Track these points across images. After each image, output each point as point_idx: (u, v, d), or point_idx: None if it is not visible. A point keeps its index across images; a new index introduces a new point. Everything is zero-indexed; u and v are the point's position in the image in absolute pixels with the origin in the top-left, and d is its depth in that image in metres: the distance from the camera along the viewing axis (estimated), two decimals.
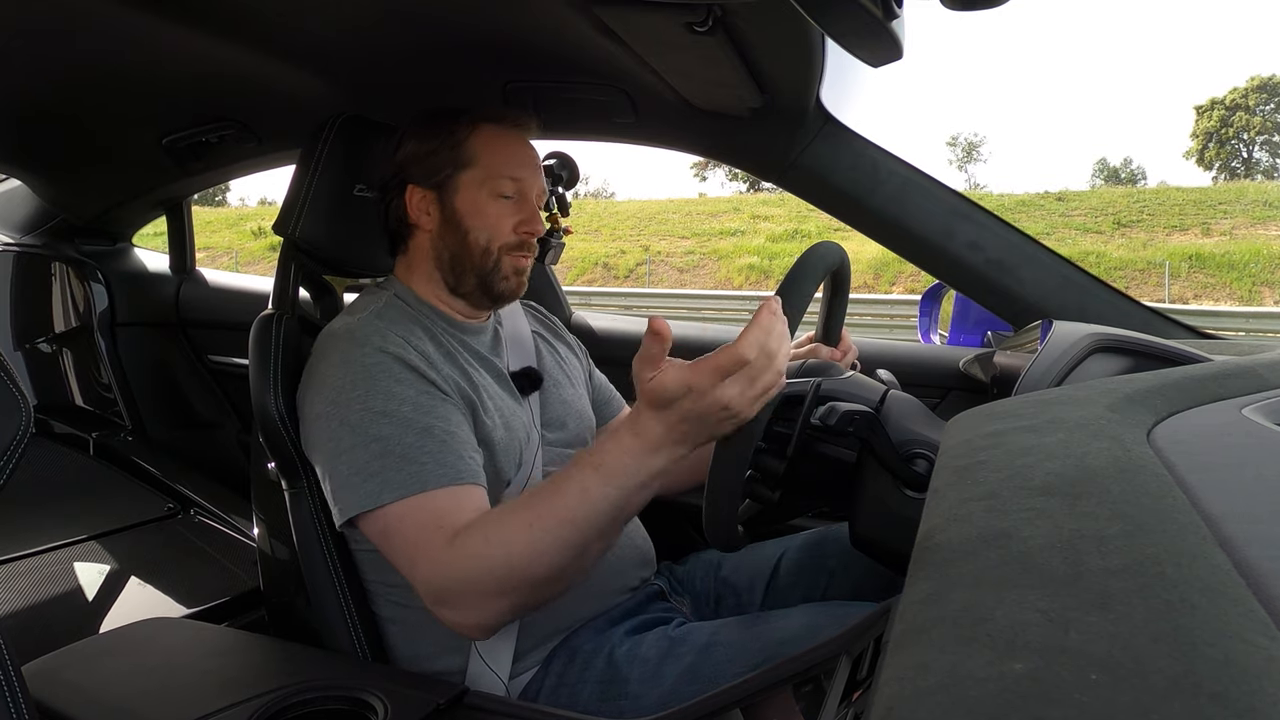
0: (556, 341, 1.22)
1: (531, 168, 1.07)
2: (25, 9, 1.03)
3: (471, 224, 1.04)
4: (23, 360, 1.98)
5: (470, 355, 1.03)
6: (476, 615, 0.82)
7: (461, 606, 0.82)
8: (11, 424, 0.58)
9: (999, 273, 1.15)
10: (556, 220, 1.34)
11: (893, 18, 0.65)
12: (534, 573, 0.78)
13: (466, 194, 1.04)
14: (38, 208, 1.92)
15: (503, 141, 1.05)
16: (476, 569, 0.80)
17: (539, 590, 0.80)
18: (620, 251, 19.04)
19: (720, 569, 1.14)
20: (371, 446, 0.88)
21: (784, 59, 0.99)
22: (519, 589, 0.79)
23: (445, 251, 1.05)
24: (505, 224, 1.04)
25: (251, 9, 1.03)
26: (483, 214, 1.04)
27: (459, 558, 0.81)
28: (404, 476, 0.86)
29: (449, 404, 0.93)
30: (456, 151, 1.04)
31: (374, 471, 0.87)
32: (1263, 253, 15.41)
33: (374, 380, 0.91)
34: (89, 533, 1.51)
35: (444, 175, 1.04)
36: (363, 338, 0.94)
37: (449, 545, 0.82)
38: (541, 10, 0.96)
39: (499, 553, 0.79)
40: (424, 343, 0.97)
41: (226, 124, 1.46)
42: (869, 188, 1.17)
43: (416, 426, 0.89)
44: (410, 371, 0.92)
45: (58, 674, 0.85)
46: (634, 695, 0.88)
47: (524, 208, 1.05)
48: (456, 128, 1.05)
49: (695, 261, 18.18)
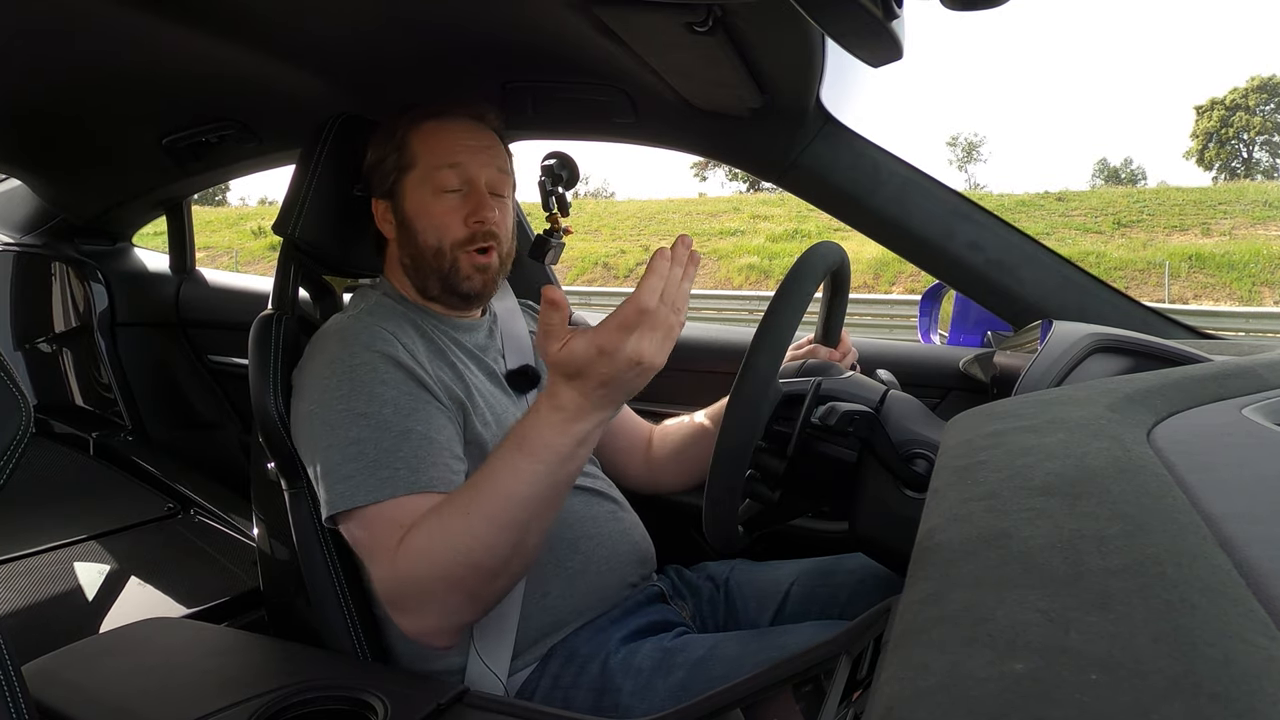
0: None
1: (473, 152, 1.02)
2: (25, 9, 1.02)
3: (420, 225, 1.02)
4: (23, 360, 1.98)
5: (462, 352, 1.03)
6: (430, 617, 0.82)
7: (414, 609, 0.82)
8: (11, 424, 0.58)
9: (999, 273, 1.15)
10: (556, 220, 1.34)
11: (893, 18, 0.65)
12: (476, 559, 0.78)
13: (413, 196, 1.03)
14: (38, 207, 1.92)
15: (442, 134, 1.03)
16: (420, 565, 0.80)
17: (486, 581, 0.81)
18: (620, 251, 19.05)
19: (729, 581, 1.13)
20: (347, 449, 0.87)
21: (784, 59, 0.99)
22: (465, 580, 0.80)
23: (406, 258, 1.04)
24: (453, 219, 1.01)
25: (251, 9, 1.03)
26: (428, 213, 1.01)
27: (403, 557, 0.81)
28: (375, 482, 0.86)
29: (433, 406, 0.93)
30: (400, 154, 1.03)
31: (346, 475, 0.87)
32: (1262, 253, 15.42)
33: (358, 380, 0.91)
34: (89, 533, 1.51)
35: (391, 181, 1.04)
36: (352, 337, 0.94)
37: (395, 553, 0.82)
38: (541, 10, 0.96)
39: (439, 545, 0.79)
40: (414, 340, 0.97)
41: (226, 124, 1.46)
42: (869, 188, 1.17)
43: (395, 430, 0.88)
44: (398, 370, 0.92)
45: (58, 674, 0.85)
46: (625, 707, 0.88)
47: (470, 198, 1.02)
48: (396, 130, 1.04)
49: None
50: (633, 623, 0.99)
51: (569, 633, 0.97)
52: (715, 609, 1.11)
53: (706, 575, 1.15)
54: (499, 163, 1.05)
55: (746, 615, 1.09)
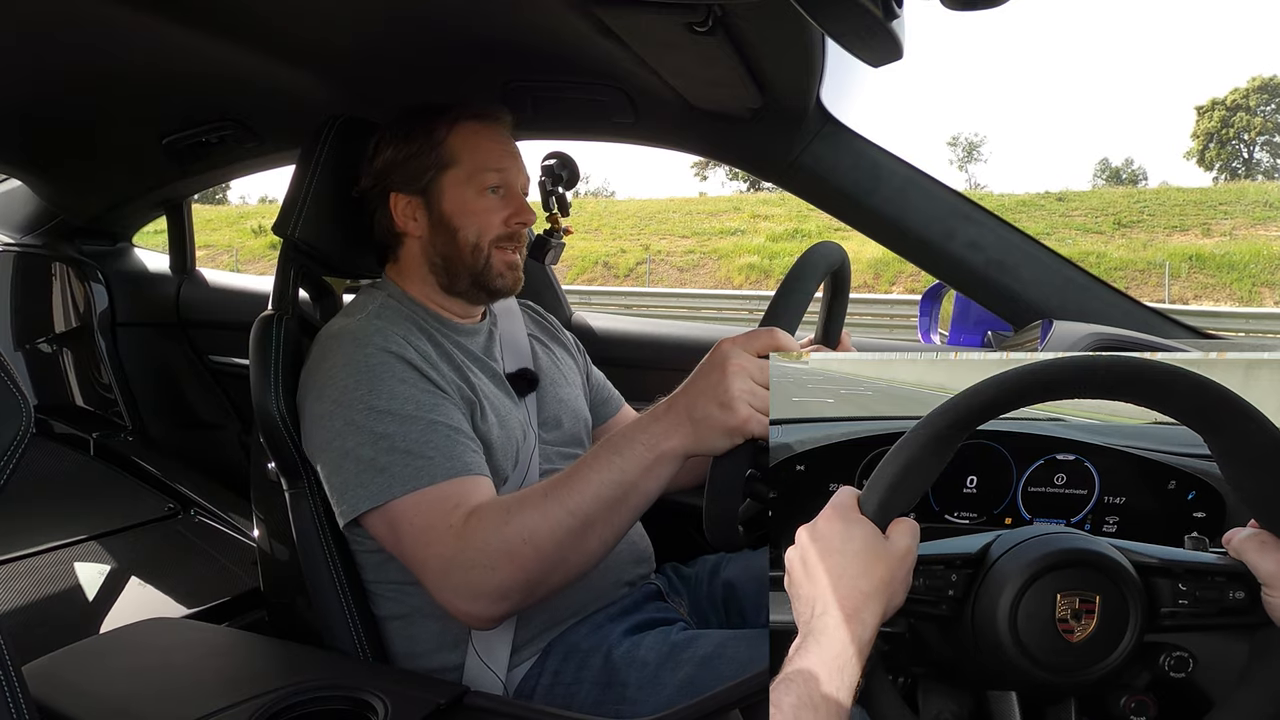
0: (552, 342, 1.22)
1: (514, 159, 1.07)
2: (26, 9, 1.02)
3: (460, 223, 1.04)
4: (23, 360, 1.98)
5: (466, 356, 1.03)
6: (485, 599, 0.83)
7: (471, 589, 0.83)
8: (12, 425, 0.58)
9: (999, 273, 1.15)
10: (556, 220, 1.34)
11: (893, 18, 0.65)
12: (540, 540, 0.80)
13: (453, 193, 1.04)
14: (38, 208, 1.92)
15: (483, 137, 1.06)
16: (492, 537, 0.82)
17: (545, 571, 0.82)
18: (621, 250, 19.04)
19: (724, 573, 1.13)
20: (379, 444, 0.88)
21: (784, 59, 0.99)
22: (527, 562, 0.81)
23: (437, 255, 1.05)
24: (494, 218, 1.04)
25: (252, 9, 1.03)
26: (471, 211, 1.04)
27: (474, 530, 0.83)
28: (411, 471, 0.87)
29: (450, 402, 0.94)
30: (437, 152, 1.04)
31: (381, 467, 0.87)
32: (1262, 253, 15.40)
33: (378, 379, 0.91)
34: (89, 533, 1.51)
35: (428, 178, 1.04)
36: (364, 338, 0.95)
37: (463, 526, 0.83)
38: (541, 10, 0.96)
39: (515, 520, 0.82)
40: (423, 342, 0.98)
41: (226, 124, 1.46)
42: (869, 187, 1.17)
43: (421, 421, 0.90)
44: (412, 370, 0.93)
45: (58, 674, 0.85)
46: (631, 700, 0.88)
47: (511, 200, 1.06)
48: (435, 129, 1.05)
49: (695, 261, 18.17)
50: (632, 619, 0.99)
51: (566, 628, 0.97)
52: (714, 602, 1.12)
53: (703, 568, 1.16)
54: (525, 171, 1.10)
55: (744, 608, 1.09)
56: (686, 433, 0.78)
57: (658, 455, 0.80)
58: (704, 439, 0.77)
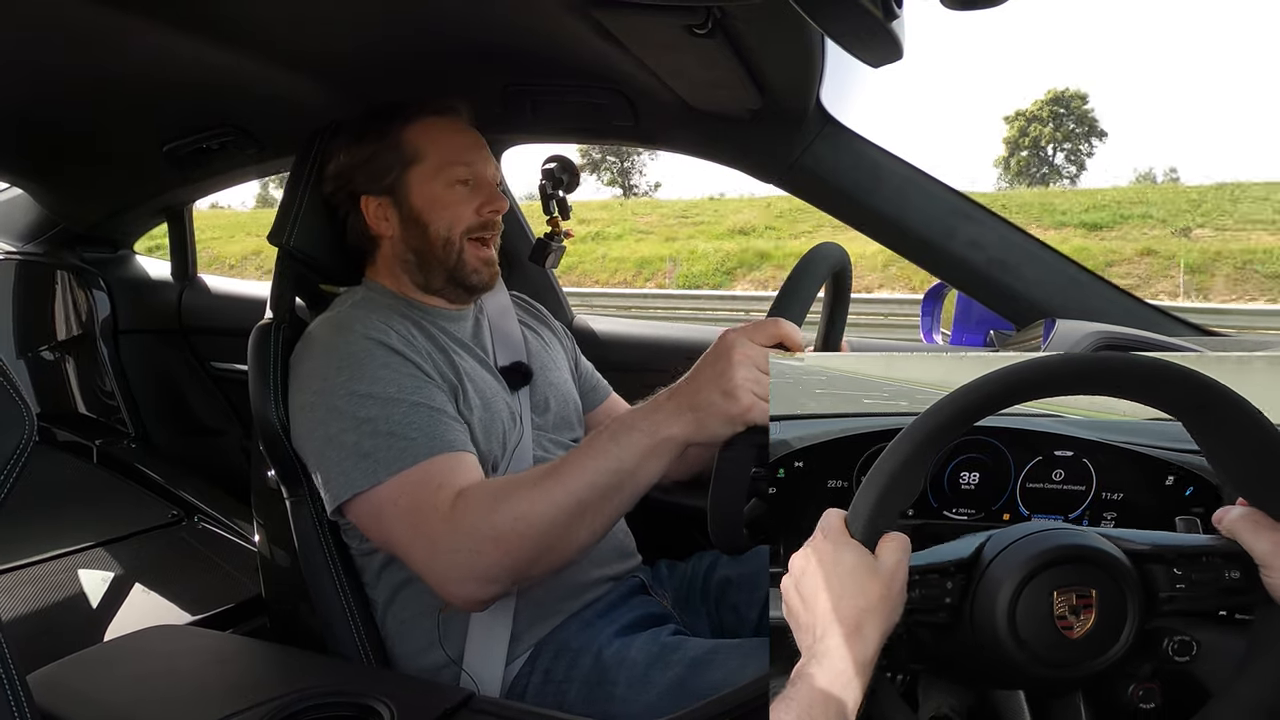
0: (540, 327, 1.23)
1: (479, 151, 1.07)
2: (25, 17, 1.03)
3: (431, 217, 1.04)
4: (25, 368, 1.97)
5: (450, 340, 1.04)
6: (473, 582, 0.83)
7: (458, 571, 0.83)
8: (15, 433, 0.58)
9: (1001, 272, 1.15)
10: (557, 224, 1.34)
11: (893, 18, 0.65)
12: (526, 525, 0.81)
13: (421, 189, 1.04)
14: (39, 216, 1.92)
15: (444, 130, 1.06)
16: (481, 518, 0.82)
17: (533, 556, 0.82)
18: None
19: (716, 570, 1.13)
20: (362, 428, 0.88)
21: (784, 60, 0.99)
22: (515, 551, 0.81)
23: (410, 253, 1.05)
24: (465, 210, 1.04)
25: (251, 15, 1.03)
26: (441, 204, 1.03)
27: (460, 519, 0.83)
28: (394, 453, 0.87)
29: (433, 385, 0.94)
30: (399, 150, 1.04)
31: (366, 452, 0.87)
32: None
33: (359, 365, 0.92)
34: (93, 540, 1.50)
35: (393, 177, 1.04)
36: (345, 326, 0.95)
37: (450, 509, 0.83)
38: (540, 13, 0.96)
39: (502, 512, 0.82)
40: (405, 325, 0.98)
41: (227, 130, 1.46)
42: (869, 188, 1.17)
43: (404, 404, 0.90)
44: (395, 356, 0.93)
45: (63, 683, 0.85)
46: (621, 699, 0.88)
47: (481, 190, 1.05)
48: (392, 127, 1.05)
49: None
50: (622, 617, 0.99)
51: (555, 626, 0.97)
52: (706, 597, 1.11)
53: (699, 564, 1.15)
54: (491, 157, 1.10)
55: (738, 603, 1.08)
56: (688, 420, 0.78)
57: (657, 442, 0.79)
58: (705, 426, 0.77)
